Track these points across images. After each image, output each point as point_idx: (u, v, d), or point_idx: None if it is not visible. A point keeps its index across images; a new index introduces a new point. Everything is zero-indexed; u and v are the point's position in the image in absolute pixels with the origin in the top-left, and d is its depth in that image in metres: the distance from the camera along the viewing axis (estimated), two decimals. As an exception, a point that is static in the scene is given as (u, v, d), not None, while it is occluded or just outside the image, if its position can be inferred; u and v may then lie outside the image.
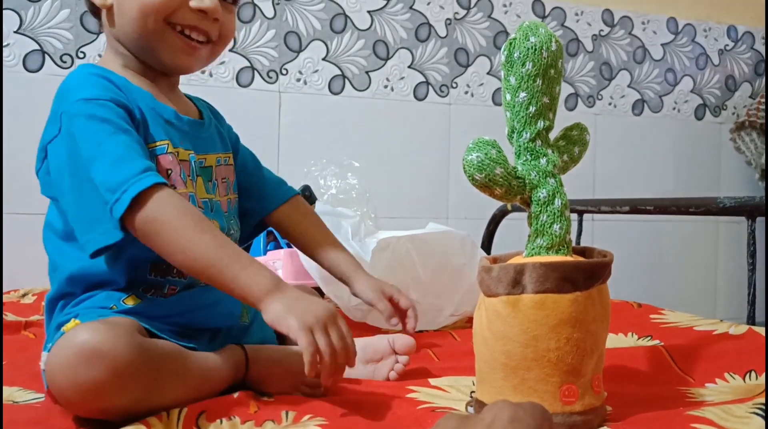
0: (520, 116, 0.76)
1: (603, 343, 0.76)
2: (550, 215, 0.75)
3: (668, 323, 1.20)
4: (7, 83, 1.69)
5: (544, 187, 0.75)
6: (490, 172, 0.73)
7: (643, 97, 2.40)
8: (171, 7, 0.90)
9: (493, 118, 2.17)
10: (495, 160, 0.73)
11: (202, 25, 0.93)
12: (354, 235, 1.43)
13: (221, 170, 1.02)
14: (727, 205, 1.30)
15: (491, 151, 0.73)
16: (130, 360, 0.72)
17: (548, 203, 0.75)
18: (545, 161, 0.76)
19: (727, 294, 2.49)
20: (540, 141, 0.77)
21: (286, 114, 1.97)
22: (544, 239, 0.75)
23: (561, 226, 0.75)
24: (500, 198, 0.76)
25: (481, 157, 0.73)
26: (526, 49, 0.75)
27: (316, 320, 0.76)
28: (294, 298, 0.79)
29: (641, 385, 0.89)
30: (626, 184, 2.32)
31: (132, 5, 0.90)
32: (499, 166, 0.73)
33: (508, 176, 0.74)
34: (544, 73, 0.76)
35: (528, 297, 0.71)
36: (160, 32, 0.91)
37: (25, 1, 1.73)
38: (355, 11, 2.03)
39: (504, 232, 1.92)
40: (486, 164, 0.73)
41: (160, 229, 0.79)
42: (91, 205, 0.81)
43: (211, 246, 0.80)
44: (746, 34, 2.54)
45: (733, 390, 0.86)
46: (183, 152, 0.93)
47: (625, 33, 2.37)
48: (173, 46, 0.92)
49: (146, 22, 0.90)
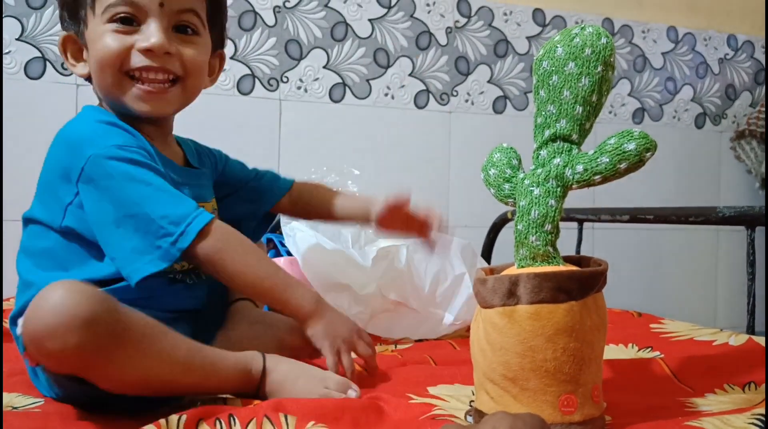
0: (534, 127, 0.80)
1: (601, 352, 0.76)
2: (525, 225, 0.75)
3: (668, 333, 1.20)
4: (9, 90, 1.69)
5: (526, 196, 0.75)
6: (486, 173, 0.82)
7: (643, 106, 2.40)
8: (121, 56, 0.93)
9: (493, 127, 2.17)
10: (493, 163, 0.81)
11: (155, 63, 0.94)
12: (354, 242, 1.44)
13: None
14: (726, 215, 1.30)
15: (495, 155, 0.82)
16: (91, 310, 0.73)
17: (525, 213, 0.75)
18: (540, 171, 0.76)
19: (727, 303, 2.48)
20: (546, 150, 0.76)
21: (287, 122, 1.97)
22: (524, 250, 0.75)
23: (538, 238, 0.74)
24: (496, 199, 0.81)
25: (487, 159, 0.83)
26: (534, 64, 0.79)
27: (345, 343, 0.95)
28: (328, 322, 0.95)
29: (640, 395, 0.89)
30: (626, 193, 2.32)
31: (94, 66, 0.96)
32: (494, 168, 0.81)
33: (499, 178, 0.80)
34: (545, 83, 0.76)
35: (523, 308, 0.71)
36: (119, 84, 0.95)
37: (26, 9, 1.73)
38: (355, 19, 2.04)
39: (504, 239, 1.92)
40: (486, 166, 0.82)
41: (226, 257, 0.90)
42: (135, 239, 0.87)
43: (269, 271, 0.94)
44: (746, 43, 2.54)
45: (732, 400, 0.86)
46: None
47: (625, 42, 2.37)
48: (134, 96, 0.95)
49: (106, 78, 0.94)
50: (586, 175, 0.73)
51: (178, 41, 0.96)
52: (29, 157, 1.75)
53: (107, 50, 0.93)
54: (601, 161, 0.72)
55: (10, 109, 1.67)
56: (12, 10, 1.72)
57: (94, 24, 0.94)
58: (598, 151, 0.73)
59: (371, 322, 1.34)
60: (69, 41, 0.98)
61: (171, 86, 0.96)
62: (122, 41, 0.93)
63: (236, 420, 0.75)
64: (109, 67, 0.93)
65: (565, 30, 0.77)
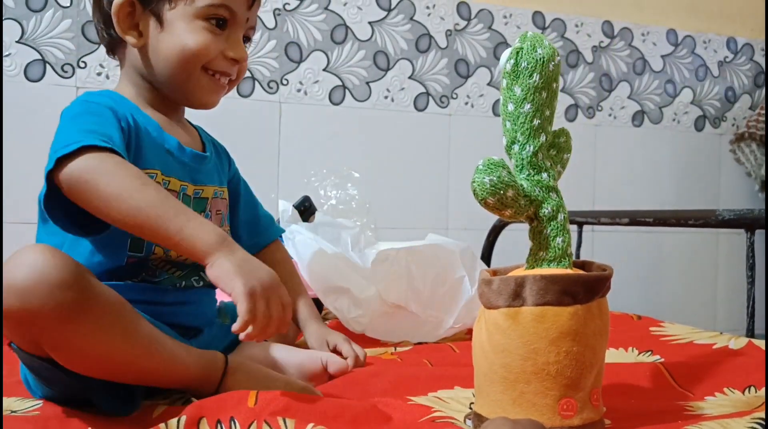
0: (524, 128, 0.75)
1: (602, 357, 0.75)
2: (554, 229, 0.75)
3: (668, 336, 1.20)
4: (9, 93, 1.69)
5: (549, 203, 0.76)
6: (503, 196, 0.71)
7: (643, 109, 2.40)
8: (209, 57, 0.97)
9: (493, 129, 2.16)
10: (507, 184, 0.71)
11: (230, 70, 1.00)
12: (354, 245, 1.44)
13: (216, 202, 1.05)
14: (726, 218, 1.30)
15: (503, 174, 0.71)
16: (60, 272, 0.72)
17: (552, 218, 0.75)
18: (546, 176, 0.76)
19: (727, 306, 2.48)
20: (541, 154, 0.77)
21: (287, 124, 1.97)
22: (547, 252, 0.75)
23: (564, 239, 0.75)
24: (508, 218, 0.75)
25: (494, 180, 0.71)
26: (534, 60, 0.74)
27: (261, 287, 0.77)
28: (242, 259, 0.79)
29: (640, 399, 0.89)
30: (626, 195, 2.33)
31: (171, 50, 0.96)
32: (511, 188, 0.72)
33: (518, 197, 0.73)
34: (549, 86, 0.76)
35: (528, 309, 0.71)
36: (196, 76, 0.98)
37: (27, 11, 1.74)
38: (355, 22, 2.04)
39: (504, 243, 1.92)
40: (499, 187, 0.71)
41: (99, 180, 0.79)
42: None
43: (156, 198, 0.79)
44: (746, 46, 2.54)
45: (732, 403, 0.86)
46: (175, 182, 0.96)
47: (625, 44, 2.37)
48: (206, 87, 1.00)
49: (185, 67, 0.97)
50: (561, 172, 0.81)
51: None
52: (29, 160, 1.76)
53: (201, 46, 0.96)
54: (565, 158, 0.82)
55: (10, 112, 1.67)
56: (12, 12, 1.72)
57: (184, 10, 0.95)
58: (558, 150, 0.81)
59: (371, 325, 1.34)
60: (126, 6, 0.96)
61: (227, 85, 1.03)
62: (215, 44, 0.97)
63: (236, 423, 0.75)
64: (197, 60, 0.97)
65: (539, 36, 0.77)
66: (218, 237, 0.79)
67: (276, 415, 0.76)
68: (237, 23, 0.99)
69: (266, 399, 0.80)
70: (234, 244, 0.80)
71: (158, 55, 0.97)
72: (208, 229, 0.79)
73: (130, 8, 0.96)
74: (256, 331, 0.77)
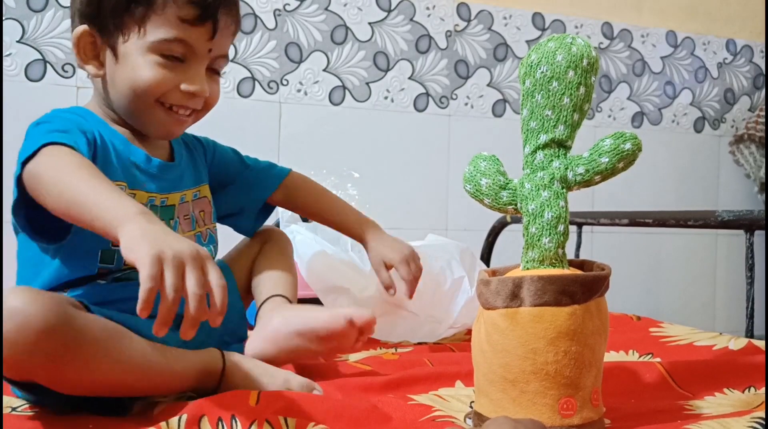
0: (523, 131, 0.79)
1: (601, 357, 0.76)
2: (539, 228, 0.75)
3: (668, 337, 1.20)
4: (9, 92, 1.69)
5: (534, 199, 0.76)
6: (476, 183, 0.79)
7: (642, 110, 2.41)
8: (162, 91, 0.94)
9: (493, 130, 2.18)
10: (482, 172, 0.78)
11: (190, 104, 0.97)
12: (353, 245, 1.44)
13: (184, 207, 1.04)
14: (725, 219, 1.30)
15: (480, 164, 0.79)
16: (44, 318, 0.71)
17: (537, 216, 0.76)
18: (542, 174, 0.77)
19: (726, 307, 2.48)
20: (542, 154, 0.77)
21: (287, 124, 1.97)
22: (534, 252, 0.76)
23: (551, 240, 0.75)
24: (491, 208, 0.79)
25: (471, 169, 0.79)
26: (527, 66, 0.78)
27: (173, 253, 0.64)
28: (159, 229, 0.68)
29: (639, 399, 0.89)
30: (625, 197, 2.33)
31: (124, 84, 0.94)
32: (485, 177, 0.78)
33: (494, 187, 0.78)
34: (543, 88, 0.77)
35: (526, 310, 0.71)
36: (150, 109, 0.95)
37: (27, 11, 1.74)
38: (355, 23, 2.04)
39: (503, 243, 1.92)
40: (473, 176, 0.79)
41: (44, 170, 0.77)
42: None
43: (84, 180, 0.74)
44: (745, 48, 2.55)
45: (731, 403, 0.86)
46: (141, 194, 0.96)
47: (625, 46, 2.38)
48: (162, 121, 0.97)
49: (137, 101, 0.95)
50: (587, 175, 0.77)
51: (208, 80, 0.98)
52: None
53: (152, 81, 0.93)
54: (601, 161, 0.76)
55: (11, 111, 1.67)
56: (12, 12, 1.72)
57: (137, 44, 0.93)
58: (596, 152, 0.77)
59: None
60: (87, 36, 0.95)
61: (189, 116, 0.99)
62: (168, 78, 0.93)
63: (237, 422, 0.75)
64: (148, 96, 0.94)
65: (557, 37, 0.78)
66: (136, 209, 0.70)
67: (277, 414, 0.76)
68: (196, 56, 0.95)
69: (268, 398, 0.80)
70: (152, 216, 0.70)
71: (115, 88, 0.96)
72: (126, 203, 0.71)
73: (92, 38, 0.95)
74: (164, 311, 0.63)
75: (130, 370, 0.80)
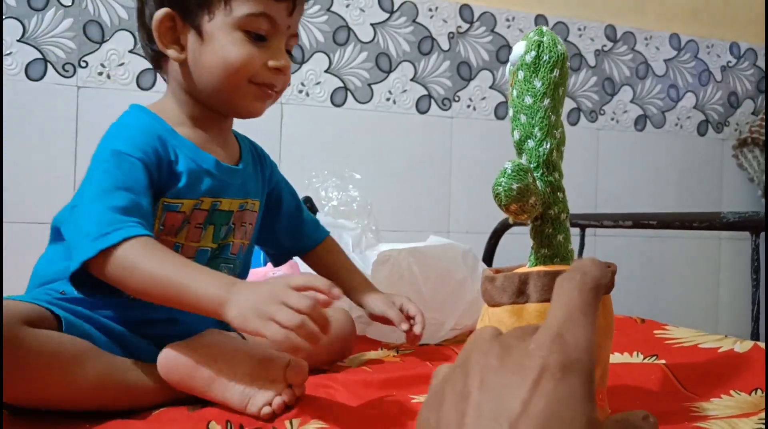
0: (543, 124, 0.72)
1: (607, 355, 0.74)
2: (556, 228, 0.74)
3: (673, 339, 1.19)
4: (9, 92, 1.69)
5: (556, 204, 0.75)
6: (525, 203, 0.68)
7: (645, 113, 2.40)
8: (254, 68, 0.96)
9: (495, 132, 2.17)
10: (533, 192, 0.68)
11: (275, 80, 0.98)
12: (355, 247, 1.43)
13: (244, 215, 1.05)
14: (731, 220, 1.29)
15: (530, 181, 0.68)
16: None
17: (556, 219, 0.75)
18: (558, 175, 0.75)
19: (729, 309, 2.47)
20: (555, 153, 0.76)
21: (288, 125, 1.96)
22: (549, 249, 0.75)
23: (564, 236, 0.75)
24: (518, 220, 0.72)
25: (522, 188, 0.66)
26: (557, 55, 0.71)
27: (270, 303, 0.73)
28: (245, 298, 0.76)
29: (645, 401, 0.88)
30: (628, 200, 2.32)
31: (213, 63, 0.95)
32: (534, 196, 0.68)
33: (537, 203, 0.70)
34: (564, 84, 0.75)
35: (532, 306, 0.70)
36: (242, 87, 0.97)
37: (28, 10, 1.73)
38: (358, 24, 2.04)
39: (505, 245, 1.91)
40: (525, 195, 0.67)
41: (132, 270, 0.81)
42: None
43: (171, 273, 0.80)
44: (749, 51, 2.54)
45: (738, 405, 0.85)
46: (207, 201, 0.97)
47: (628, 48, 2.37)
48: (251, 95, 0.98)
49: (229, 79, 0.96)
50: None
51: None
52: (29, 159, 1.75)
53: (243, 58, 0.95)
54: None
55: (11, 111, 1.67)
56: (13, 11, 1.72)
57: (224, 21, 0.94)
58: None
59: (372, 326, 1.33)
60: (167, 20, 0.96)
61: (275, 93, 1.01)
62: (257, 56, 0.95)
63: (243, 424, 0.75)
64: (240, 74, 0.96)
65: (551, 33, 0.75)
66: (222, 289, 0.78)
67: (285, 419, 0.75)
68: (278, 32, 0.97)
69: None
70: (234, 287, 0.78)
71: (202, 68, 0.96)
72: (214, 282, 0.79)
73: (171, 22, 0.95)
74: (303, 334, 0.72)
75: (81, 391, 0.81)
